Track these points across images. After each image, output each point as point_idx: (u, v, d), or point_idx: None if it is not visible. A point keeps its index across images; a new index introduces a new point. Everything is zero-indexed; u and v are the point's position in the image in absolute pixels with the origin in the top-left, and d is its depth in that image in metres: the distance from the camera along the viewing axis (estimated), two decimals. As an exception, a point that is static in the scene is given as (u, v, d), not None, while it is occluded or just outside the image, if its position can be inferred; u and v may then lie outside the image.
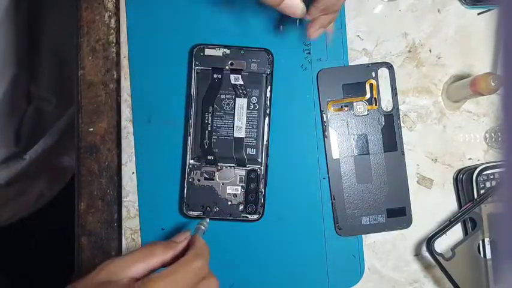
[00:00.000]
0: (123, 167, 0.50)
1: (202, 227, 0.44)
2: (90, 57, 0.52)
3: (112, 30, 0.52)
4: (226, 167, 0.49)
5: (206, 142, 0.49)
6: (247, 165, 0.49)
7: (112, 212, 0.51)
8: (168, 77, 0.50)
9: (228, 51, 0.49)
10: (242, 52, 0.49)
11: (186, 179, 0.49)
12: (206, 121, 0.49)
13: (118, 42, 0.52)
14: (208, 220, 0.46)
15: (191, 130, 0.49)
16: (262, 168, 0.49)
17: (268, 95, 0.49)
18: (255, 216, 0.49)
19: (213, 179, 0.49)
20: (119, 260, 0.37)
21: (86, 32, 0.52)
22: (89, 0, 0.53)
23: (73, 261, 0.51)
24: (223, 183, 0.49)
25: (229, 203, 0.49)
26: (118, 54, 0.52)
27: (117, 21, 0.52)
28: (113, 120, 0.51)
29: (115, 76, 0.52)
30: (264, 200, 0.49)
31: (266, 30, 0.51)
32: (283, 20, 0.50)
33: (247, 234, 0.50)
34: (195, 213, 0.49)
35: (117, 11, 0.52)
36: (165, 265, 0.38)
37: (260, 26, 0.51)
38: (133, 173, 0.50)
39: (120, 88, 0.51)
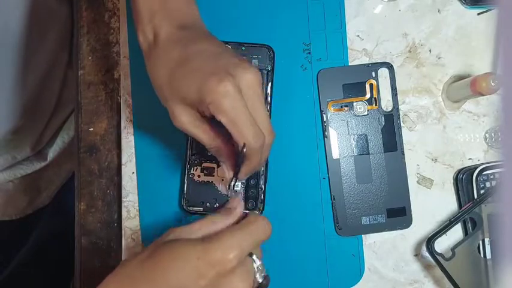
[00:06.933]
0: (123, 167, 0.50)
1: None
2: (90, 57, 0.52)
3: (112, 30, 0.52)
4: None
5: None
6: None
7: (112, 212, 0.51)
8: (168, 76, 0.50)
9: (229, 47, 0.49)
10: (243, 48, 0.49)
11: (186, 175, 0.49)
12: None
13: (118, 42, 0.52)
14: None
15: None
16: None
17: (269, 91, 0.49)
18: (255, 212, 0.49)
19: (213, 175, 0.49)
20: (184, 227, 0.37)
21: (86, 32, 0.52)
22: (89, 0, 0.53)
23: (73, 261, 0.51)
24: (223, 179, 0.49)
25: (229, 199, 0.49)
26: (118, 54, 0.52)
27: (117, 21, 0.52)
28: (113, 120, 0.51)
29: (115, 76, 0.52)
30: (264, 196, 0.49)
31: (266, 30, 0.51)
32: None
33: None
34: (195, 208, 0.49)
35: (117, 11, 0.52)
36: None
37: (261, 25, 0.51)
38: (133, 173, 0.50)
39: (120, 88, 0.51)
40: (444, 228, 0.48)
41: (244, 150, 0.36)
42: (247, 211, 0.41)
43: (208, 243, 0.34)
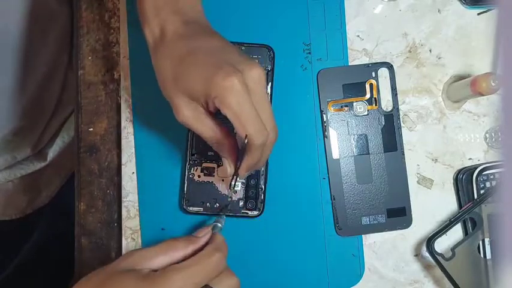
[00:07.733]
0: (123, 167, 0.50)
1: (219, 224, 0.44)
2: (90, 57, 0.52)
3: (112, 30, 0.52)
4: None
5: None
6: None
7: (112, 212, 0.51)
8: (168, 77, 0.50)
9: (232, 44, 0.49)
10: (243, 48, 0.49)
11: (186, 175, 0.49)
12: None
13: (118, 42, 0.52)
14: (224, 217, 0.45)
15: None
16: None
17: (269, 91, 0.49)
18: (255, 213, 0.49)
19: (213, 175, 0.49)
20: (141, 251, 0.39)
21: (86, 32, 0.52)
22: (89, 0, 0.53)
23: (73, 261, 0.51)
24: (223, 180, 0.49)
25: (229, 199, 0.49)
26: (118, 54, 0.52)
27: (117, 21, 0.52)
28: (113, 120, 0.51)
29: (115, 76, 0.52)
30: (264, 196, 0.49)
31: (266, 30, 0.51)
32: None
33: (247, 231, 0.50)
34: (195, 209, 0.49)
35: (117, 11, 0.52)
36: (186, 259, 0.39)
37: (261, 25, 0.51)
38: (133, 173, 0.50)
39: (120, 88, 0.51)
40: (444, 228, 0.48)
41: (246, 141, 0.37)
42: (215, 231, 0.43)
43: (152, 282, 0.35)
